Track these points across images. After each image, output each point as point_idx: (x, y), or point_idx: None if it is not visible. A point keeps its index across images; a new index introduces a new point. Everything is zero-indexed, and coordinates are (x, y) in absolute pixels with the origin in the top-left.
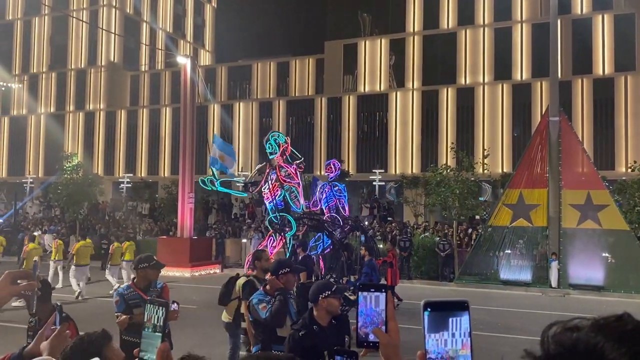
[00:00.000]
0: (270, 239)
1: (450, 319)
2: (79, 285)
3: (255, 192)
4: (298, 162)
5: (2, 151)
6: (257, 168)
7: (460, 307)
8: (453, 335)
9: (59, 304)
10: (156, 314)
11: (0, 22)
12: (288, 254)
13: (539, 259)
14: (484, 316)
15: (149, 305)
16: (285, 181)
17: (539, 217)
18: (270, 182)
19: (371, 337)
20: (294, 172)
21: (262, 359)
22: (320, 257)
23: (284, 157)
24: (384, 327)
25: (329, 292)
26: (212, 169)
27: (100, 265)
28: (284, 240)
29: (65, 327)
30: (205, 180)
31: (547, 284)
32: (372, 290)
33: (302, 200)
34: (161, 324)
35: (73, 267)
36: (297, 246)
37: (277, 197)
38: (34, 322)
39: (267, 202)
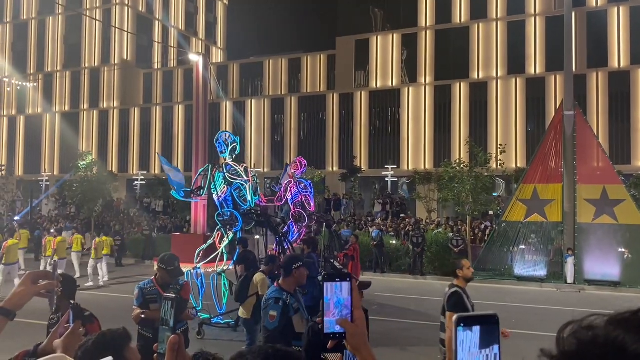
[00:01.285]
0: (219, 233)
1: (498, 332)
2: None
3: (202, 197)
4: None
5: (19, 150)
6: (199, 172)
7: (494, 320)
8: (500, 348)
9: (73, 302)
10: (165, 308)
11: (15, 22)
12: (238, 249)
13: (553, 254)
14: (499, 312)
15: (163, 300)
16: (233, 179)
17: (553, 212)
18: (219, 180)
19: (337, 328)
20: (242, 170)
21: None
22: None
23: (233, 155)
24: (349, 317)
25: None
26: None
27: (114, 261)
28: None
29: (79, 325)
30: (173, 192)
31: (562, 279)
32: (336, 279)
33: (249, 197)
34: (168, 317)
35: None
36: (238, 243)
37: (224, 195)
38: (56, 319)
39: (215, 200)
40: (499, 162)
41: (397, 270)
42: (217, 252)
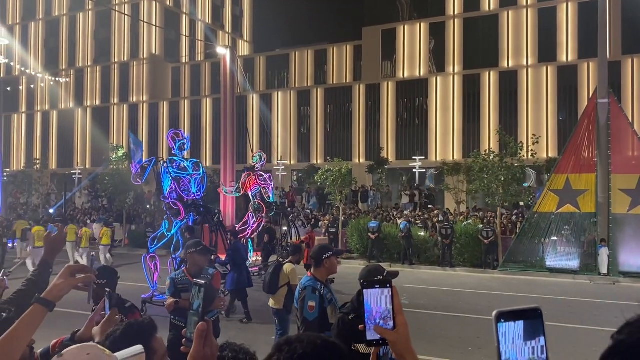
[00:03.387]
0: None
1: (543, 325)
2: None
3: (141, 180)
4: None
5: (52, 144)
6: (145, 161)
7: (538, 314)
8: (546, 340)
9: (108, 290)
10: (194, 293)
11: (47, 19)
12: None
13: (586, 245)
14: (530, 304)
15: (192, 285)
16: (180, 174)
17: (586, 202)
18: (167, 178)
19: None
20: (191, 164)
21: (302, 341)
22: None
23: (182, 152)
24: (391, 323)
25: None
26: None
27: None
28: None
29: (115, 313)
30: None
31: (596, 271)
32: (376, 286)
33: (194, 190)
34: (194, 301)
35: (30, 249)
36: (185, 230)
37: (167, 187)
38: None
39: (165, 191)
40: (530, 152)
41: (426, 262)
42: (166, 239)
